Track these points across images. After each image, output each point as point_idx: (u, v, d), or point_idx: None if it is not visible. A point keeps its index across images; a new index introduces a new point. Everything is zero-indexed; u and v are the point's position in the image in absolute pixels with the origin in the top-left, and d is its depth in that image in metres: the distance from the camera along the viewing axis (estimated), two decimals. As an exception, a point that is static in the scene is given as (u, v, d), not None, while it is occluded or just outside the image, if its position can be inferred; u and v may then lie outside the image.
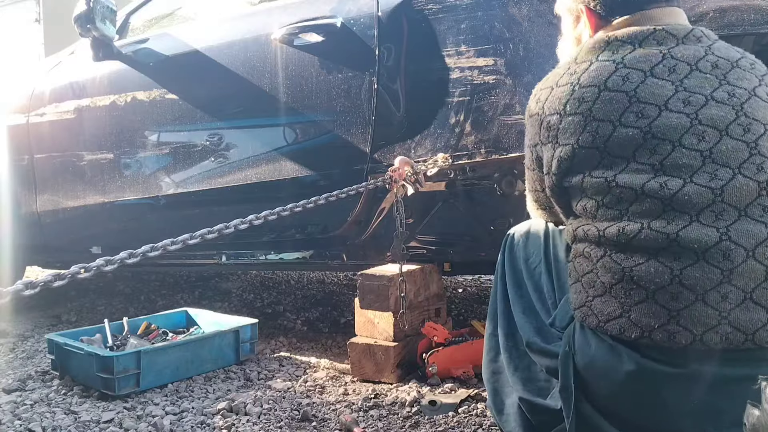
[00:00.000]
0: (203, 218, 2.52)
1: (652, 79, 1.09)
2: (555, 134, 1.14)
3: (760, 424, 0.85)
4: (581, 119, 1.11)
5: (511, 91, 1.97)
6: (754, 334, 0.99)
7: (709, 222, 1.01)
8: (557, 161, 1.14)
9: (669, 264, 1.01)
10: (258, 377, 2.15)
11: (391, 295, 2.04)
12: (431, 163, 2.05)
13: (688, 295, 1.00)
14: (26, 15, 10.06)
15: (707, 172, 1.03)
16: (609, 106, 1.09)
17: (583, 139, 1.10)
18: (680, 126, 1.05)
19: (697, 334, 0.99)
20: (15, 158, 3.00)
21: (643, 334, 1.02)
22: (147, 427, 1.74)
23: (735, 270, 0.99)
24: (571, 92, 1.13)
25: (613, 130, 1.08)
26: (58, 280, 1.08)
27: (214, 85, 2.50)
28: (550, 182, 1.19)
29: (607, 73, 1.11)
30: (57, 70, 2.96)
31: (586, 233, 1.11)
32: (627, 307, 1.03)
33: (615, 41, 1.16)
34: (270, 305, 3.20)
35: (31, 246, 3.05)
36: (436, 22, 2.07)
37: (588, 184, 1.11)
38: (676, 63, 1.10)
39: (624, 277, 1.04)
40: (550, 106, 1.16)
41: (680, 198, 1.03)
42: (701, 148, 1.04)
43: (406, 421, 1.74)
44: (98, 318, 2.78)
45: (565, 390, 1.12)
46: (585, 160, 1.11)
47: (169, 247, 1.30)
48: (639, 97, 1.08)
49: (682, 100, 1.07)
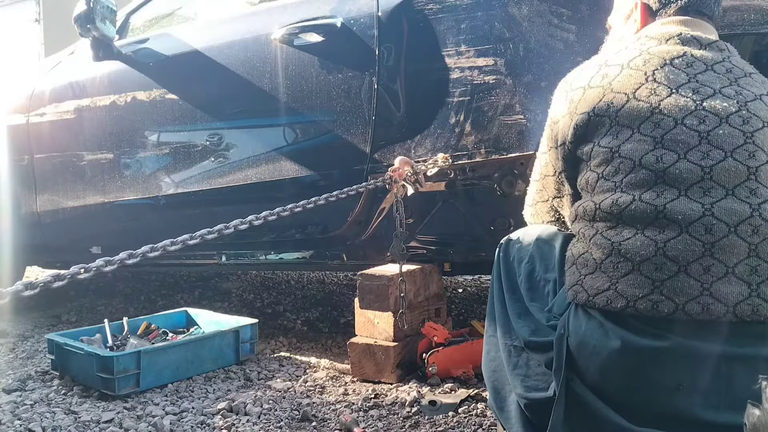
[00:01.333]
0: (203, 218, 2.52)
1: (670, 67, 1.19)
2: (575, 105, 1.23)
3: (760, 423, 0.85)
4: (601, 91, 1.20)
5: (511, 91, 1.97)
6: (734, 307, 1.03)
7: (696, 197, 1.08)
8: (573, 129, 1.22)
9: (654, 237, 1.07)
10: (258, 377, 2.15)
11: (391, 295, 2.04)
12: (431, 163, 2.05)
13: (671, 266, 1.05)
14: (26, 15, 10.07)
15: (701, 151, 1.10)
16: (627, 80, 1.18)
17: (599, 107, 1.19)
18: (685, 107, 1.13)
19: (679, 303, 1.04)
20: (15, 158, 3.00)
21: (628, 304, 1.07)
22: (147, 427, 1.74)
23: (716, 244, 1.05)
24: (597, 69, 1.24)
25: (626, 101, 1.16)
26: (57, 281, 1.08)
27: (214, 85, 2.50)
28: (564, 153, 1.26)
29: (630, 57, 1.22)
30: (57, 70, 2.96)
31: (585, 210, 1.18)
32: (614, 279, 1.09)
33: (644, 37, 1.27)
34: (270, 305, 3.20)
35: (31, 246, 3.05)
36: (436, 22, 2.07)
37: (596, 153, 1.18)
38: (695, 60, 1.20)
39: (613, 251, 1.10)
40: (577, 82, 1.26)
41: (672, 172, 1.10)
42: (700, 129, 1.11)
43: (406, 421, 1.74)
44: (98, 318, 2.79)
45: (558, 369, 1.16)
46: (597, 127, 1.19)
47: (169, 248, 1.30)
48: (655, 78, 1.17)
49: (692, 89, 1.15)
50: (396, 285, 2.02)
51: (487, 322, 1.45)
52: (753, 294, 1.04)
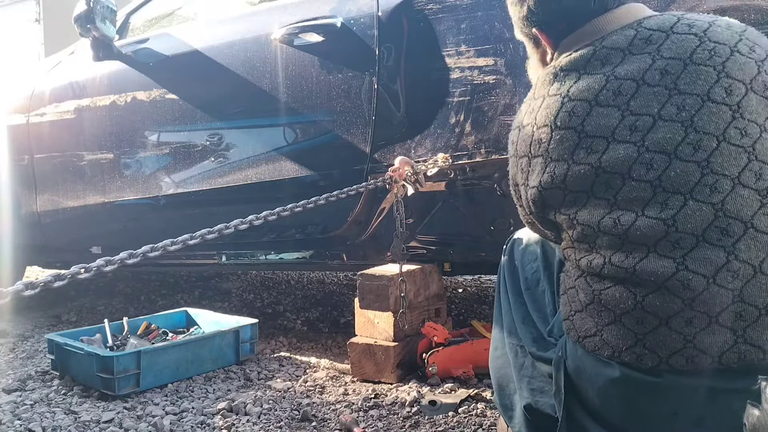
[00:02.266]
0: (203, 218, 2.52)
1: (597, 108, 1.05)
2: (526, 176, 1.15)
3: (760, 423, 0.85)
4: (542, 160, 1.10)
5: (511, 91, 1.97)
6: (720, 357, 0.97)
7: (666, 252, 0.99)
8: (531, 202, 1.16)
9: (633, 290, 1.01)
10: (258, 377, 2.15)
11: (391, 295, 2.04)
12: (431, 163, 2.05)
13: (651, 320, 0.99)
14: (26, 15, 10.07)
15: (658, 203, 0.99)
16: (561, 144, 1.07)
17: (544, 180, 1.10)
18: (627, 157, 1.01)
19: (663, 357, 0.99)
20: (15, 158, 3.00)
21: (614, 353, 1.03)
22: (147, 427, 1.74)
23: (697, 298, 0.97)
24: (532, 133, 1.13)
25: (567, 168, 1.07)
26: (58, 281, 1.08)
27: (214, 85, 2.50)
28: (536, 218, 1.20)
29: (556, 110, 1.09)
30: (57, 70, 2.96)
31: (569, 256, 1.13)
32: (600, 326, 1.05)
33: (560, 72, 1.12)
34: (270, 305, 3.20)
35: (31, 246, 3.05)
36: (436, 22, 2.07)
37: (560, 220, 1.12)
38: (621, 83, 1.04)
39: (594, 299, 1.05)
40: (521, 148, 1.16)
41: (633, 233, 1.01)
42: (650, 177, 1.00)
43: (406, 421, 1.74)
44: (98, 318, 2.79)
45: (558, 394, 1.14)
46: (552, 199, 1.11)
47: (169, 248, 1.30)
48: (587, 132, 1.05)
49: (628, 127, 1.02)
50: (396, 285, 2.02)
51: (494, 319, 1.45)
52: (739, 341, 0.97)
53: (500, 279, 1.45)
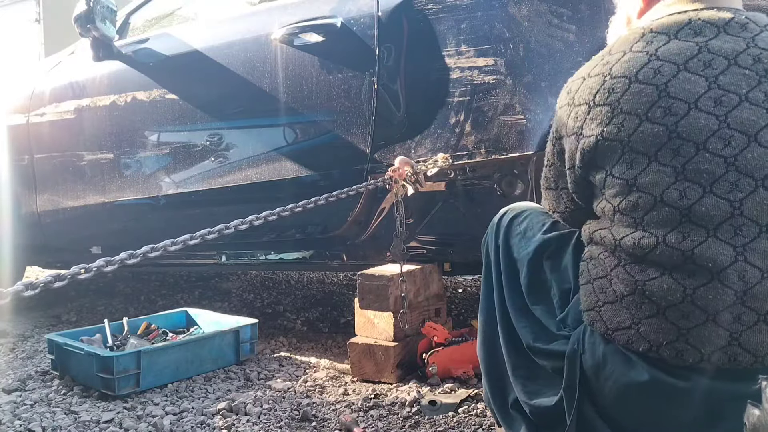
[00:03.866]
0: (203, 218, 2.52)
1: (685, 73, 1.02)
2: (581, 125, 1.09)
3: (760, 423, 0.85)
4: (609, 110, 1.05)
5: (511, 91, 1.97)
6: (764, 357, 0.95)
7: (726, 238, 0.95)
8: (581, 153, 1.09)
9: (683, 282, 0.97)
10: (258, 377, 2.15)
11: (391, 295, 2.04)
12: (431, 163, 2.05)
13: (699, 314, 0.96)
14: (26, 15, 10.07)
15: (729, 182, 0.96)
16: (637, 98, 1.03)
17: (608, 130, 1.04)
18: (707, 128, 0.98)
19: (705, 353, 0.96)
20: (15, 158, 3.00)
21: (651, 348, 0.99)
22: (147, 427, 1.74)
23: (749, 291, 0.94)
24: (602, 82, 1.07)
25: (639, 123, 1.02)
26: (58, 281, 1.08)
27: (214, 85, 2.50)
28: (574, 176, 1.14)
29: (639, 65, 1.05)
30: (57, 70, 2.96)
31: (603, 238, 1.07)
32: (637, 319, 1.00)
33: (649, 33, 1.08)
34: (270, 305, 3.20)
35: (32, 246, 3.05)
36: (436, 22, 2.07)
37: (610, 183, 1.05)
38: (713, 57, 1.02)
39: (636, 290, 1.01)
40: (581, 96, 1.11)
41: (698, 209, 0.97)
42: (726, 153, 0.97)
43: (406, 421, 1.74)
44: (98, 318, 2.79)
45: (570, 389, 1.09)
46: (607, 154, 1.05)
47: (170, 248, 1.30)
48: (669, 92, 1.01)
49: (713, 99, 0.99)
50: (396, 285, 2.02)
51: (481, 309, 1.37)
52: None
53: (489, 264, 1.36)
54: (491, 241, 1.36)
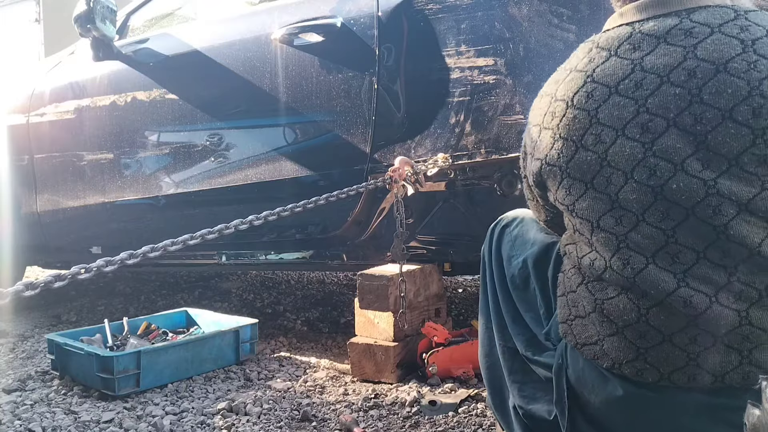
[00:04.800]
0: (203, 218, 2.52)
1: (615, 97, 0.98)
2: (533, 146, 1.09)
3: (760, 423, 0.85)
4: (551, 134, 1.04)
5: (511, 91, 1.97)
6: (723, 377, 0.94)
7: (665, 265, 0.94)
8: (531, 175, 1.11)
9: (637, 302, 0.96)
10: (258, 377, 2.15)
11: (390, 295, 2.04)
12: (431, 163, 2.05)
13: (655, 335, 0.96)
14: (26, 15, 10.07)
15: (659, 210, 0.94)
16: (572, 124, 1.01)
17: (550, 156, 1.04)
18: (633, 156, 0.95)
19: (664, 372, 0.96)
20: (15, 158, 3.00)
21: (614, 365, 1.00)
22: (147, 427, 1.74)
23: (700, 316, 0.92)
24: (549, 104, 1.07)
25: (575, 150, 1.00)
26: (58, 281, 1.08)
27: (214, 85, 2.50)
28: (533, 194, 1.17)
29: (576, 87, 1.02)
30: (57, 70, 2.96)
31: (570, 254, 1.08)
32: (601, 336, 1.01)
33: (595, 48, 1.05)
34: (270, 305, 3.20)
35: (32, 246, 3.05)
36: (436, 22, 2.07)
37: (559, 206, 1.06)
38: (645, 76, 0.96)
39: (596, 308, 1.01)
40: (534, 116, 1.11)
41: (633, 237, 0.96)
42: (652, 183, 0.94)
43: (406, 421, 1.74)
44: (98, 318, 2.79)
45: (560, 403, 1.11)
46: (550, 178, 1.05)
47: (170, 248, 1.30)
48: (599, 119, 0.98)
49: (640, 125, 0.95)
50: (396, 285, 2.02)
51: (480, 313, 1.39)
52: (744, 362, 0.93)
53: (485, 269, 1.37)
54: (486, 248, 1.38)
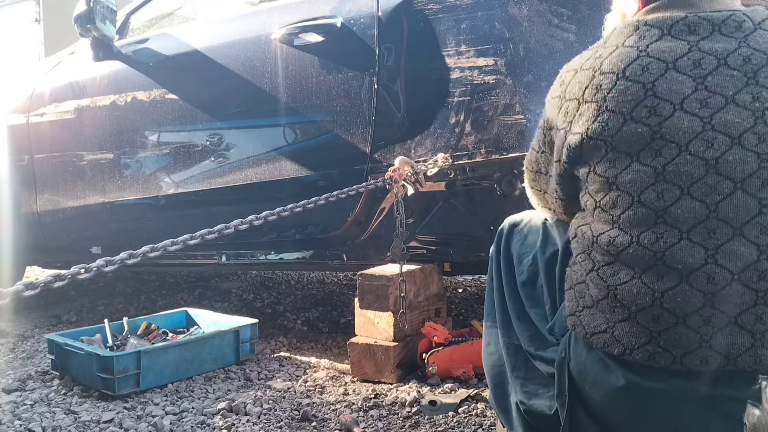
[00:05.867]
0: (203, 218, 2.52)
1: (673, 72, 1.01)
2: (570, 121, 1.09)
3: (760, 423, 0.85)
4: (595, 107, 1.04)
5: (511, 91, 1.97)
6: (736, 359, 0.96)
7: (699, 240, 0.96)
8: (567, 149, 1.09)
9: (652, 285, 0.98)
10: (258, 377, 2.15)
11: (390, 295, 2.04)
12: (431, 163, 2.05)
13: (669, 317, 0.97)
14: (26, 15, 10.07)
15: (707, 184, 0.96)
16: (623, 96, 1.02)
17: (593, 128, 1.04)
18: (691, 130, 0.98)
19: (677, 355, 0.98)
20: (15, 158, 3.00)
21: (625, 351, 1.01)
22: (147, 427, 1.74)
23: (718, 293, 0.95)
24: (591, 77, 1.07)
25: (623, 123, 1.02)
26: (58, 281, 1.08)
27: (214, 85, 2.50)
28: (559, 169, 1.14)
29: (628, 60, 1.04)
30: (57, 70, 2.96)
31: (584, 234, 1.09)
32: (611, 323, 1.02)
33: (644, 26, 1.07)
34: (270, 305, 3.20)
35: (32, 246, 3.05)
36: (436, 22, 2.07)
37: (592, 179, 1.06)
38: (703, 56, 1.01)
39: (609, 294, 1.03)
40: (571, 90, 1.10)
41: (673, 211, 0.98)
42: (707, 156, 0.97)
43: (406, 421, 1.74)
44: (98, 318, 2.79)
45: (561, 396, 1.12)
46: (592, 151, 1.05)
47: (170, 248, 1.30)
48: (656, 92, 1.01)
49: (699, 101, 0.99)
50: (396, 285, 2.02)
51: (486, 312, 1.41)
52: (757, 344, 0.95)
53: (492, 268, 1.39)
54: (495, 248, 1.40)
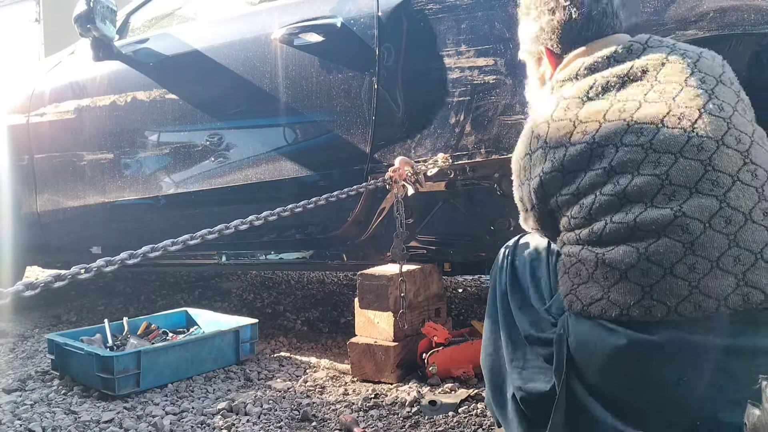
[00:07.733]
0: (203, 218, 2.52)
1: (589, 102, 1.21)
2: (528, 173, 1.27)
3: (760, 423, 0.85)
4: (541, 151, 1.23)
5: (511, 91, 1.97)
6: (725, 299, 1.04)
7: (662, 205, 1.09)
8: (533, 192, 1.26)
9: (635, 245, 1.09)
10: (258, 377, 2.15)
11: (390, 295, 2.04)
12: (431, 163, 2.05)
13: (656, 270, 1.06)
14: (26, 15, 10.07)
15: (651, 162, 1.11)
16: (558, 133, 1.21)
17: (545, 168, 1.22)
18: (618, 129, 1.15)
19: (671, 305, 1.05)
20: (15, 158, 3.00)
21: (621, 312, 1.08)
22: (147, 427, 1.74)
23: (695, 241, 1.05)
24: (530, 132, 1.28)
25: (565, 151, 1.19)
26: (58, 281, 1.08)
27: (214, 85, 2.50)
28: (536, 215, 1.30)
29: (552, 107, 1.25)
30: (57, 70, 2.96)
31: (569, 240, 1.21)
32: (606, 288, 1.11)
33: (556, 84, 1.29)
34: (270, 305, 3.20)
35: (32, 246, 3.05)
36: (436, 22, 2.07)
37: (561, 202, 1.21)
38: (606, 80, 1.22)
39: (599, 262, 1.12)
40: (519, 150, 1.30)
41: (631, 190, 1.11)
42: (641, 142, 1.12)
43: (406, 421, 1.74)
44: (98, 318, 2.79)
45: (558, 369, 1.17)
46: (552, 184, 1.22)
47: (170, 248, 1.30)
48: (580, 119, 1.20)
49: (617, 110, 1.17)
50: (396, 285, 2.02)
51: (487, 314, 1.45)
52: (741, 283, 1.04)
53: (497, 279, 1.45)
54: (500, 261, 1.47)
